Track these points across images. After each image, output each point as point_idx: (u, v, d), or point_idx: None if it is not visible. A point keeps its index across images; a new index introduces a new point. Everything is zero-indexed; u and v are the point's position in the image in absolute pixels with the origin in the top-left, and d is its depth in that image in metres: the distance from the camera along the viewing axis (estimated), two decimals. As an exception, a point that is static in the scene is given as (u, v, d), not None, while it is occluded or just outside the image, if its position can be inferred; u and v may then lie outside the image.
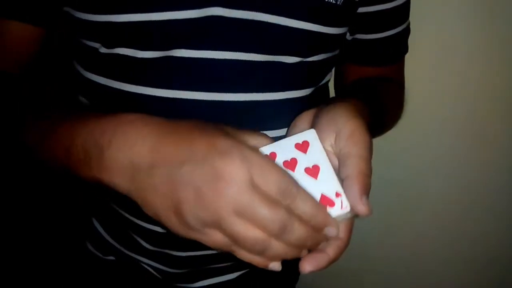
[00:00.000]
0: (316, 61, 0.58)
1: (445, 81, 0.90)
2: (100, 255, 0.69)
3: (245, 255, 0.38)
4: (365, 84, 0.66)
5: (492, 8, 0.82)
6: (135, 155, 0.39)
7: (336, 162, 0.42)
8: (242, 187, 0.35)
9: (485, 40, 0.85)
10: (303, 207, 0.37)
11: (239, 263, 0.64)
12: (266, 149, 0.42)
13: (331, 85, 0.70)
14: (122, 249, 0.66)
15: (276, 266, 0.39)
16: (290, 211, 0.37)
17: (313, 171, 0.41)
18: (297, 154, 0.42)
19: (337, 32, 0.56)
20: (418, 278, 1.09)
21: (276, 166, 0.37)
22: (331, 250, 0.40)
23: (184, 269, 0.64)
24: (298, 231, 0.37)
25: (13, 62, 0.58)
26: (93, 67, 0.56)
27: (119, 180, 0.40)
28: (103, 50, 0.53)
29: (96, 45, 0.54)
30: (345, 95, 0.55)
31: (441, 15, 0.85)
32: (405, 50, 0.71)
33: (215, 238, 0.37)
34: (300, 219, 0.37)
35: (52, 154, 0.45)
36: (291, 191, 0.37)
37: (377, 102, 0.55)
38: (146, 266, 0.66)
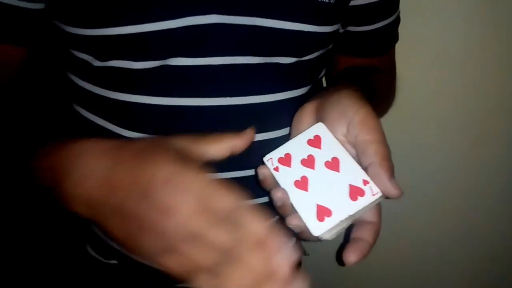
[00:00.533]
0: (312, 59, 0.58)
1: (445, 81, 0.91)
2: (102, 259, 0.69)
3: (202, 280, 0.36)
4: (357, 72, 0.66)
5: (492, 8, 0.83)
6: (87, 190, 0.39)
7: (352, 151, 0.42)
8: (186, 215, 0.35)
9: (485, 40, 0.86)
10: (255, 230, 0.35)
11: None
12: (279, 152, 0.42)
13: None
14: (126, 252, 0.66)
15: None
16: (238, 235, 0.35)
17: (333, 164, 0.41)
18: (312, 151, 0.42)
19: (332, 30, 0.57)
20: (418, 278, 1.11)
21: (220, 187, 0.36)
22: (369, 236, 0.40)
23: None
24: (247, 256, 0.35)
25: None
26: (88, 77, 0.55)
27: (80, 210, 0.40)
28: (96, 63, 0.53)
29: (89, 58, 0.53)
30: (341, 83, 0.55)
31: (441, 15, 0.86)
32: (396, 39, 0.71)
33: (171, 265, 0.37)
34: (251, 245, 0.35)
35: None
36: (239, 213, 0.35)
37: (371, 89, 0.56)
38: (150, 269, 0.66)
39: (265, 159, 0.43)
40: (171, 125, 0.52)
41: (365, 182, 0.40)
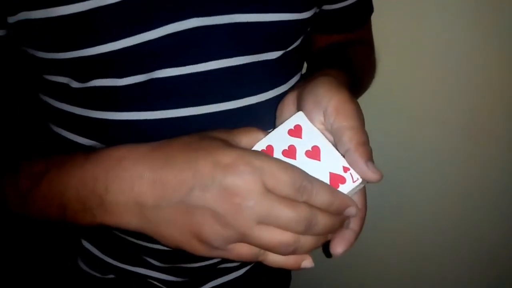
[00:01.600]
0: (296, 47, 0.57)
1: (445, 81, 0.90)
2: (98, 275, 0.67)
3: (275, 261, 0.38)
4: (335, 49, 0.65)
5: (492, 8, 0.82)
6: (138, 195, 0.38)
7: (331, 138, 0.42)
8: (258, 197, 0.35)
9: (485, 40, 0.85)
10: (321, 198, 0.37)
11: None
12: (261, 144, 0.42)
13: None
14: (125, 266, 0.64)
15: (308, 263, 0.39)
16: (309, 205, 0.37)
17: (314, 153, 0.41)
18: (294, 141, 0.42)
19: (310, 15, 0.56)
20: (418, 278, 1.12)
21: (285, 164, 0.37)
22: (355, 225, 0.41)
23: (194, 277, 0.63)
24: (322, 222, 0.37)
25: None
26: (65, 98, 0.52)
27: (128, 220, 0.39)
28: (75, 84, 0.49)
29: (66, 80, 0.49)
30: (319, 66, 0.55)
31: (441, 15, 0.84)
32: (371, 11, 0.71)
33: (241, 251, 0.37)
34: (321, 209, 0.37)
35: (42, 212, 0.43)
36: (306, 186, 0.37)
37: (350, 65, 0.55)
38: (153, 281, 0.64)
39: None
40: (164, 137, 0.50)
41: (345, 169, 0.40)
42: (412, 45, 0.72)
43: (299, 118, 0.42)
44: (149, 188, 0.37)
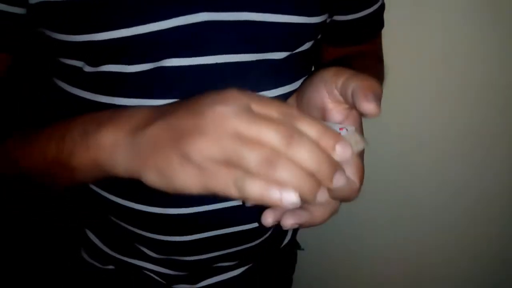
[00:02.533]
0: (303, 51, 0.58)
1: (445, 82, 0.91)
2: (99, 265, 0.68)
3: (252, 187, 0.33)
4: (343, 59, 0.67)
5: (492, 8, 0.83)
6: (133, 125, 0.39)
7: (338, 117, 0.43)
8: (241, 108, 0.34)
9: (485, 40, 0.86)
10: (309, 127, 0.35)
11: (243, 260, 0.65)
12: None
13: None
14: (123, 258, 0.65)
15: (291, 196, 0.33)
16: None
17: None
18: None
19: (320, 21, 0.57)
20: (417, 279, 1.11)
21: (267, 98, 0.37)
22: (315, 209, 0.40)
23: (189, 271, 0.64)
24: (306, 146, 0.34)
25: None
26: (77, 83, 0.54)
27: (118, 155, 0.39)
28: (87, 68, 0.51)
29: (79, 63, 0.52)
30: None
31: (441, 16, 0.85)
32: (382, 25, 0.72)
33: (217, 174, 0.34)
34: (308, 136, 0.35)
35: (39, 154, 0.45)
36: (293, 113, 0.36)
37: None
38: (149, 273, 0.65)
39: None
40: None
41: (341, 129, 0.40)
42: (412, 45, 0.73)
43: None
44: (143, 117, 0.39)
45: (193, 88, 0.51)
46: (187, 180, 0.35)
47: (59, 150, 0.43)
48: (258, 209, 0.46)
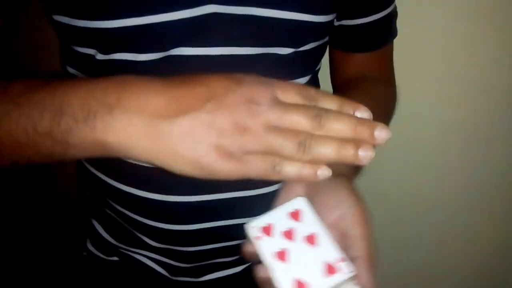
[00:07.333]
0: (308, 50, 0.58)
1: (445, 82, 0.90)
2: (103, 257, 0.69)
3: (291, 171, 0.38)
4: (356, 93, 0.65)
5: (493, 8, 0.83)
6: (152, 110, 0.38)
7: (334, 233, 0.43)
8: (272, 102, 0.38)
9: (485, 40, 0.86)
10: (329, 102, 0.39)
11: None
12: (262, 221, 0.43)
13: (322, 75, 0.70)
14: (126, 248, 0.66)
15: (324, 171, 0.38)
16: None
17: (312, 239, 0.43)
18: (293, 223, 0.43)
19: (327, 20, 0.57)
20: (418, 279, 1.10)
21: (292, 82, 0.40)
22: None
23: (190, 264, 0.64)
24: (333, 119, 0.38)
25: None
26: (89, 71, 0.56)
27: (136, 140, 0.38)
28: (99, 56, 0.53)
29: (92, 51, 0.53)
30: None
31: (441, 16, 0.85)
32: (394, 34, 0.70)
33: (257, 163, 0.38)
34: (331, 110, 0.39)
35: (27, 120, 0.40)
36: (313, 94, 0.39)
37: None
38: (151, 263, 0.65)
39: (247, 226, 0.44)
40: None
41: (341, 260, 0.41)
42: (412, 45, 0.73)
43: (300, 202, 0.45)
44: (163, 104, 0.38)
45: None
46: (225, 169, 0.38)
47: (55, 123, 0.39)
48: (261, 203, 0.47)
